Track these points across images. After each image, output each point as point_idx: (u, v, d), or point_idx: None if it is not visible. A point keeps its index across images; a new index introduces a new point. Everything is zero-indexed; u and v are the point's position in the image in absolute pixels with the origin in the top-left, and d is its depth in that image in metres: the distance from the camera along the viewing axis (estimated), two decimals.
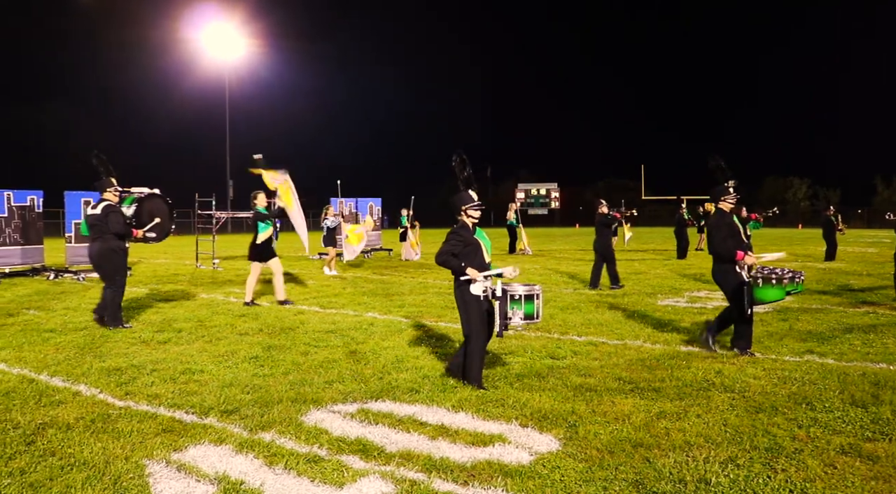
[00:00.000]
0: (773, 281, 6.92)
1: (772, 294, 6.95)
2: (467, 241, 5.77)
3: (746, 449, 4.30)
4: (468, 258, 5.72)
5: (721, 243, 6.92)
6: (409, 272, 16.80)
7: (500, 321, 5.57)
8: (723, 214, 7.11)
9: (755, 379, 5.96)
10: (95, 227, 8.82)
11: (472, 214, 5.85)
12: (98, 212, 8.85)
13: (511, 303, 5.60)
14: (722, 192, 7.17)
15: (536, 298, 5.68)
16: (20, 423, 4.87)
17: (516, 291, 5.62)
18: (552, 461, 4.15)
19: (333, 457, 4.24)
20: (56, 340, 7.98)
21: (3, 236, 15.05)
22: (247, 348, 7.47)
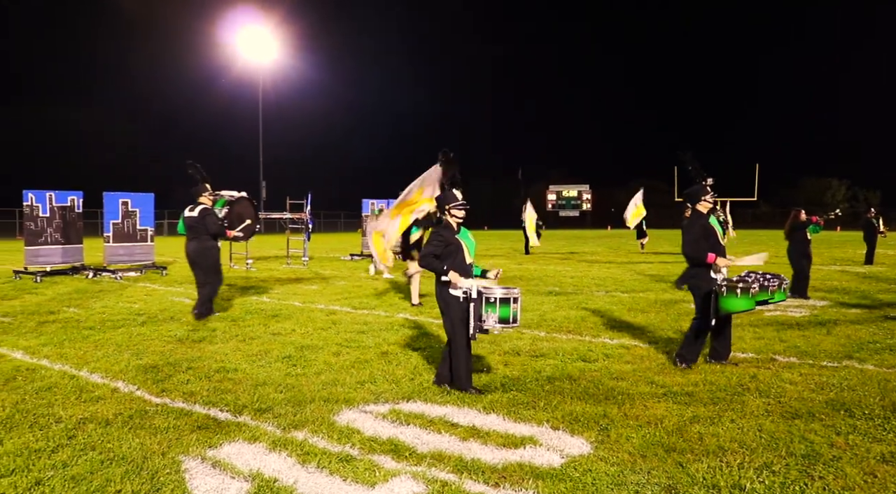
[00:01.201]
0: (739, 290, 6.07)
1: (737, 304, 6.10)
2: (448, 241, 5.65)
3: (782, 456, 4.24)
4: (449, 258, 5.62)
5: (692, 244, 6.45)
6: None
7: (474, 323, 5.49)
8: (699, 215, 6.62)
9: (791, 385, 5.87)
10: (193, 229, 9.67)
11: (456, 214, 5.74)
12: (195, 214, 9.69)
13: (486, 306, 5.47)
14: (700, 192, 6.68)
15: (513, 302, 5.50)
16: (62, 418, 5.00)
17: (492, 294, 5.47)
18: (584, 464, 4.13)
19: (365, 457, 4.27)
20: (95, 337, 8.16)
21: (45, 236, 15.42)
22: (280, 347, 7.56)
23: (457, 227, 5.78)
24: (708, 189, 6.66)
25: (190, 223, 9.72)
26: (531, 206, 24.84)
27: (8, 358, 7.05)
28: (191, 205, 9.90)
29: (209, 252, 9.71)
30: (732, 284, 6.09)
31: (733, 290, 6.07)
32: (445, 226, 5.78)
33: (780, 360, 6.83)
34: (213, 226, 9.70)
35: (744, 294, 6.04)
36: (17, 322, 9.34)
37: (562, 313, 10.04)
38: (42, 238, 15.38)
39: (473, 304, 5.48)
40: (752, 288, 6.01)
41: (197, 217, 9.66)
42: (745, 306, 6.07)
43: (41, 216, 15.34)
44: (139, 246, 16.78)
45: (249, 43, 51.05)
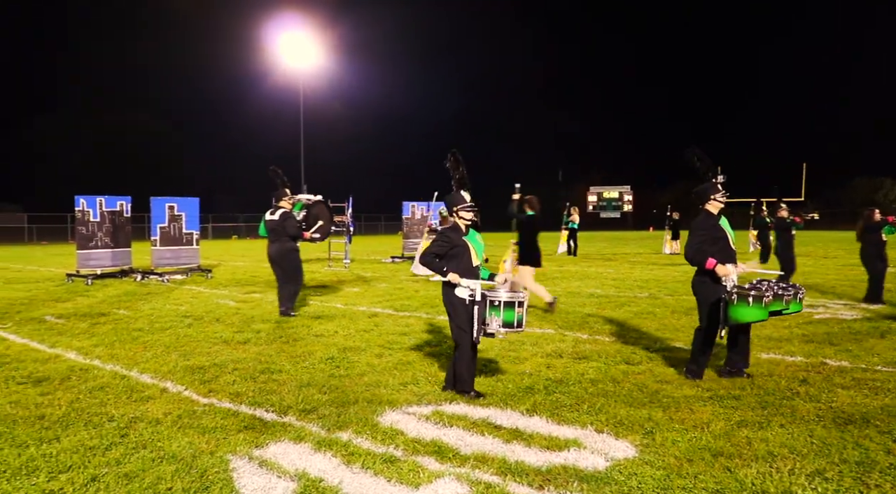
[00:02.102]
0: (751, 299, 5.55)
1: (749, 313, 5.56)
2: (454, 243, 5.60)
3: (835, 462, 4.13)
4: (454, 260, 5.57)
5: (694, 247, 5.94)
6: None
7: (477, 326, 5.43)
8: (708, 216, 6.07)
9: (843, 390, 5.71)
10: (274, 231, 10.22)
11: (463, 216, 5.68)
12: (276, 218, 10.24)
13: (490, 309, 5.40)
14: (709, 191, 6.11)
15: (518, 306, 5.41)
16: (114, 416, 5.14)
17: (496, 297, 5.40)
18: (629, 467, 4.09)
19: (409, 458, 4.29)
20: (144, 339, 8.37)
21: (96, 240, 15.85)
22: (323, 349, 7.65)
23: (465, 229, 5.72)
24: (719, 187, 6.12)
25: (271, 226, 10.25)
26: (576, 212, 24.62)
27: (63, 358, 7.27)
28: (271, 208, 10.43)
29: (290, 253, 10.21)
30: (744, 292, 5.58)
31: (745, 299, 5.57)
32: (453, 227, 5.72)
33: (831, 364, 6.65)
34: (292, 229, 10.20)
35: (756, 303, 5.53)
36: (71, 323, 9.62)
37: (604, 315, 9.95)
38: (93, 242, 15.81)
39: (477, 307, 5.42)
40: (765, 296, 5.52)
41: (278, 220, 10.18)
42: (757, 316, 5.55)
43: (92, 221, 15.77)
44: (185, 249, 17.12)
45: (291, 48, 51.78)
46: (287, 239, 10.19)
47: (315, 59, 53.33)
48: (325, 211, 13.02)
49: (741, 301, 5.57)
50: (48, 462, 4.23)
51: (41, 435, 4.71)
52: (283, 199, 10.43)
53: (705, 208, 6.12)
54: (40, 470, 4.09)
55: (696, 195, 6.21)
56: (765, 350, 7.32)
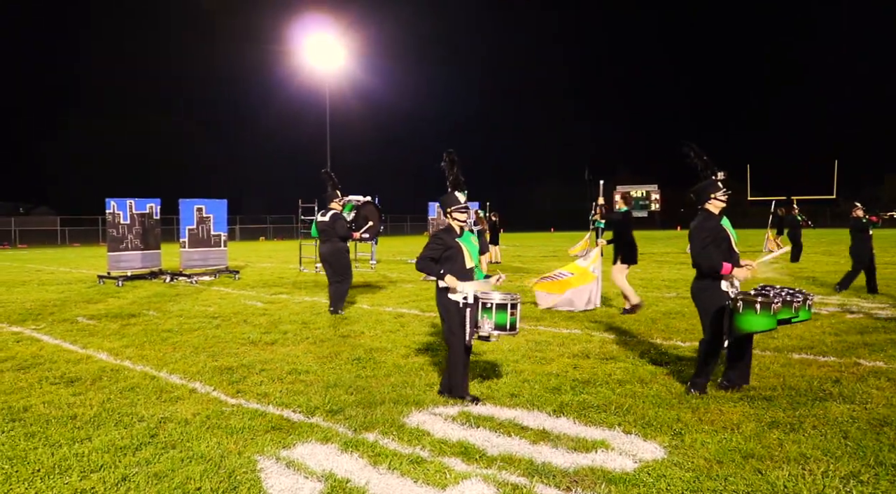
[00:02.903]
0: (759, 306, 5.04)
1: (757, 322, 5.06)
2: (447, 245, 5.51)
3: (871, 465, 4.04)
4: (448, 262, 5.48)
5: (701, 252, 5.46)
6: (506, 275, 16.76)
7: (469, 329, 5.33)
8: (708, 216, 5.63)
9: (878, 390, 5.59)
10: (325, 232, 10.69)
11: (457, 217, 5.59)
12: (327, 219, 10.73)
13: (483, 312, 5.28)
14: (709, 189, 5.66)
15: (511, 308, 5.27)
16: (144, 417, 5.21)
17: (489, 299, 5.27)
18: (657, 469, 4.04)
19: (436, 459, 4.28)
20: (173, 340, 8.47)
21: (126, 242, 16.10)
22: (349, 350, 7.67)
23: (459, 231, 5.64)
24: (719, 185, 5.66)
25: (322, 227, 10.74)
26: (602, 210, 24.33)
27: (94, 359, 7.39)
28: (322, 210, 11.00)
29: (340, 253, 10.65)
30: (751, 299, 5.10)
31: (751, 306, 5.07)
32: (447, 229, 5.63)
33: (865, 364, 6.52)
34: (342, 229, 10.58)
35: (764, 310, 5.03)
36: (102, 325, 9.77)
37: (631, 316, 9.85)
38: (123, 244, 16.06)
39: (470, 310, 5.33)
40: (773, 303, 5.03)
41: (328, 221, 10.64)
42: (765, 325, 5.07)
43: (122, 223, 16.02)
44: (213, 250, 17.32)
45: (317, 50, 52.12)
46: (338, 239, 10.55)
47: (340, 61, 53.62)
48: (374, 211, 13.41)
49: (747, 308, 5.11)
50: (80, 461, 4.29)
51: (73, 435, 4.79)
52: (333, 201, 10.83)
53: (705, 208, 5.68)
54: (73, 470, 4.15)
55: (694, 194, 5.78)
56: (796, 350, 7.20)
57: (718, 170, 5.84)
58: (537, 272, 17.85)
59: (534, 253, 26.88)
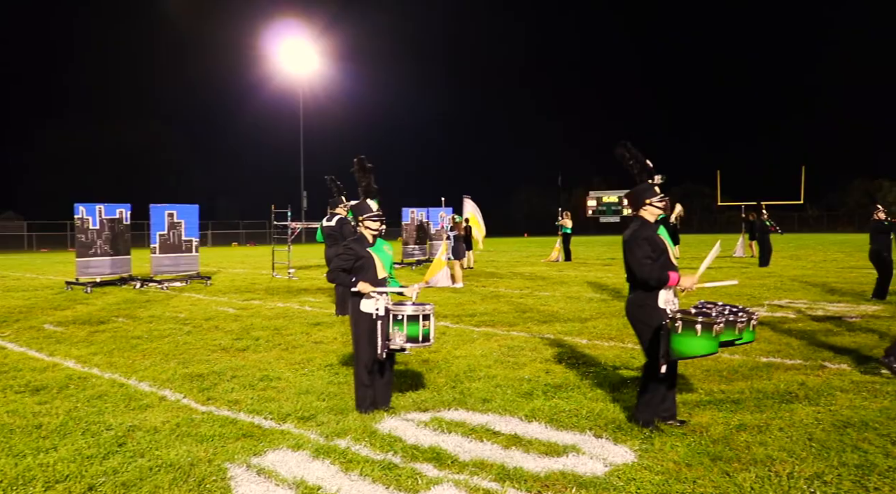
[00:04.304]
0: (700, 327, 4.41)
1: (696, 345, 4.44)
2: (359, 255, 5.35)
3: (834, 466, 4.12)
4: (360, 272, 5.34)
5: (641, 264, 4.78)
6: (479, 281, 16.82)
7: (381, 342, 5.21)
8: (644, 224, 4.95)
9: (842, 393, 5.71)
10: (331, 236, 11.05)
11: (370, 226, 5.45)
12: (332, 224, 11.15)
13: (394, 324, 5.15)
14: (645, 194, 5.03)
15: (424, 320, 5.16)
16: (112, 425, 5.13)
17: (400, 311, 5.15)
18: (627, 473, 4.08)
19: (408, 465, 4.28)
20: (143, 347, 8.36)
21: (95, 247, 15.85)
22: (322, 356, 7.64)
23: (372, 240, 5.50)
24: (656, 190, 5.08)
25: (328, 232, 11.17)
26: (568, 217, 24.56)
27: (61, 366, 7.27)
28: (328, 215, 11.44)
29: None
30: (691, 319, 4.46)
31: (692, 327, 4.44)
32: (358, 238, 5.49)
33: (831, 367, 6.65)
34: (349, 233, 10.67)
35: (706, 332, 4.41)
36: (70, 332, 9.61)
37: (603, 320, 9.94)
38: (92, 249, 15.81)
39: (381, 322, 5.22)
40: (716, 324, 4.43)
41: (334, 226, 11.01)
42: (706, 349, 4.45)
43: (91, 228, 15.77)
44: (184, 256, 17.12)
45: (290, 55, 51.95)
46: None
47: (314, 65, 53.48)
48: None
49: (687, 329, 4.47)
50: (45, 471, 4.22)
51: (38, 445, 4.70)
52: (339, 206, 11.24)
53: (640, 215, 5.04)
54: (37, 480, 4.08)
55: (629, 199, 5.21)
56: (764, 353, 7.31)
57: (656, 174, 5.31)
58: (510, 277, 17.92)
59: (507, 259, 26.99)
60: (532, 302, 12.29)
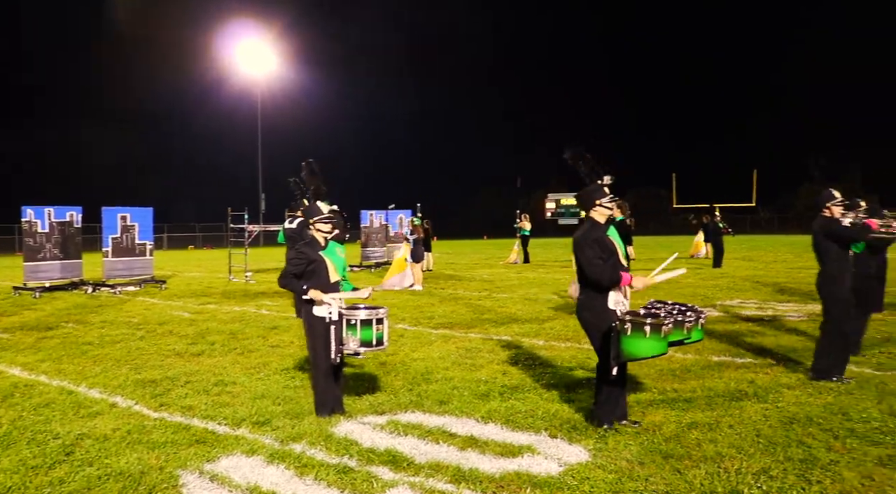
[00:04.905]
0: (649, 328, 4.44)
1: (645, 346, 4.47)
2: (311, 259, 5.31)
3: (780, 461, 4.24)
4: (311, 276, 5.28)
5: (592, 265, 4.81)
6: (438, 283, 16.84)
7: (335, 346, 5.19)
8: (594, 226, 4.97)
9: (789, 390, 5.87)
10: (292, 239, 10.90)
11: (321, 228, 5.43)
12: (294, 226, 11.05)
13: (347, 329, 5.16)
14: (595, 195, 5.02)
15: (377, 323, 5.18)
16: (59, 434, 5.00)
17: (353, 316, 5.16)
18: (581, 472, 4.14)
19: (363, 468, 4.27)
20: (94, 353, 8.16)
21: (44, 251, 15.43)
22: (278, 360, 7.56)
23: (324, 243, 5.45)
24: (605, 191, 5.06)
25: (289, 234, 11.13)
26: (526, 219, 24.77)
27: (6, 374, 7.05)
28: (290, 217, 11.37)
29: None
30: (639, 320, 4.50)
31: (641, 328, 4.47)
32: (310, 241, 5.43)
33: (779, 365, 6.82)
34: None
35: (654, 333, 4.44)
36: (16, 338, 9.34)
37: (560, 321, 10.04)
38: (41, 254, 15.39)
39: (335, 327, 5.20)
40: (664, 325, 4.44)
41: (296, 229, 10.83)
42: (655, 350, 4.47)
43: (40, 232, 15.35)
44: (138, 260, 16.78)
45: (248, 56, 51.35)
46: None
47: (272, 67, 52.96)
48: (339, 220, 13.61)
49: (636, 331, 4.50)
50: None
51: None
52: (300, 209, 11.05)
53: (590, 216, 5.05)
54: None
55: (579, 201, 5.21)
56: (716, 353, 7.48)
57: (605, 174, 5.41)
58: (469, 279, 17.98)
59: (466, 261, 27.08)
60: (490, 304, 12.35)
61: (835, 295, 6.25)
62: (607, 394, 4.95)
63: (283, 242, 11.67)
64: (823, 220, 6.34)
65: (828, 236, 6.26)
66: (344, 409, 5.47)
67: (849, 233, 6.30)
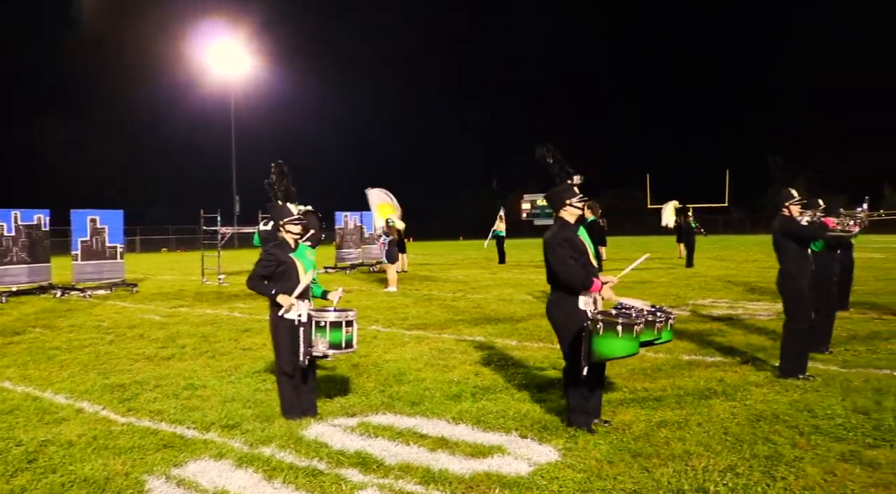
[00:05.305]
0: (620, 329, 4.46)
1: (617, 346, 4.49)
2: (280, 261, 5.25)
3: (746, 458, 4.29)
4: (280, 279, 5.23)
5: (565, 265, 4.81)
6: (412, 284, 16.82)
7: (304, 349, 5.15)
8: (564, 226, 4.97)
9: (757, 387, 5.94)
10: (267, 241, 10.69)
11: (291, 230, 5.37)
12: (269, 228, 11.13)
13: (317, 331, 5.14)
14: (565, 194, 5.01)
15: (346, 326, 5.17)
16: (23, 441, 4.91)
17: (323, 318, 5.15)
18: (551, 472, 4.15)
19: (332, 471, 4.24)
20: (61, 358, 8.03)
21: (11, 255, 15.15)
22: (250, 363, 7.50)
23: (294, 244, 5.41)
24: (575, 191, 5.04)
25: (265, 236, 11.31)
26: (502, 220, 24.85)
27: None
28: (264, 219, 11.80)
29: None
30: (611, 320, 4.50)
31: (613, 328, 4.48)
32: (279, 243, 5.38)
33: (748, 363, 6.91)
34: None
35: (626, 333, 4.47)
36: None
37: (534, 321, 10.07)
38: (7, 257, 15.11)
39: (304, 329, 5.16)
40: (636, 325, 4.51)
41: (271, 230, 10.61)
42: (627, 350, 4.51)
43: (6, 235, 15.08)
44: (108, 263, 16.55)
45: (221, 57, 50.95)
46: None
47: (245, 67, 52.59)
48: (314, 220, 13.66)
49: (608, 331, 4.51)
50: None
51: None
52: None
53: (560, 216, 5.04)
54: None
55: (548, 200, 5.19)
56: (686, 352, 7.55)
57: (575, 174, 5.35)
58: (444, 280, 17.98)
59: (441, 261, 27.08)
60: (464, 305, 12.36)
61: (795, 292, 6.34)
62: (577, 396, 4.94)
63: (258, 244, 11.73)
64: (782, 219, 6.45)
65: (786, 235, 6.38)
66: (317, 412, 5.44)
67: (806, 232, 6.41)
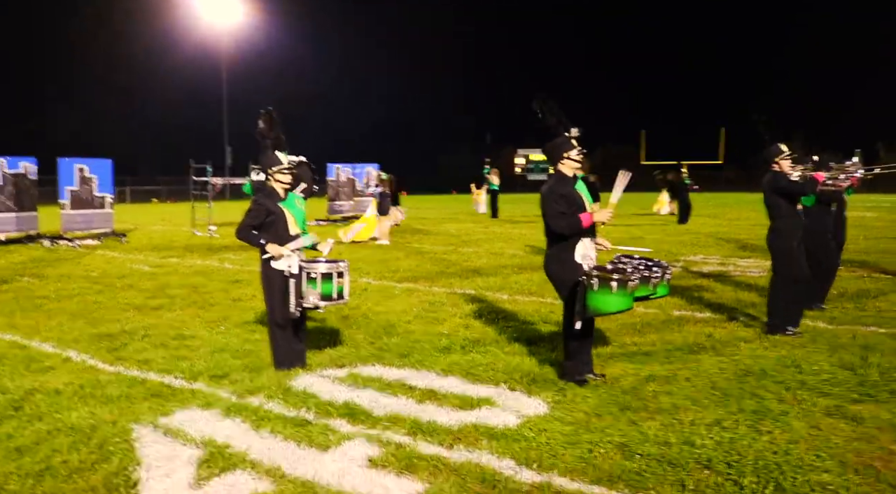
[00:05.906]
0: (615, 284, 4.44)
1: (611, 302, 4.47)
2: (270, 211, 5.16)
3: (733, 412, 4.31)
4: (269, 228, 5.15)
5: (556, 218, 4.83)
6: (404, 237, 16.76)
7: (294, 300, 5.08)
8: (561, 179, 4.93)
9: (746, 343, 5.96)
10: (259, 191, 10.97)
11: (280, 179, 5.25)
12: (262, 177, 10.89)
13: (308, 283, 5.07)
14: (562, 147, 4.94)
15: (338, 277, 5.12)
16: (8, 389, 4.88)
17: (314, 269, 5.08)
18: (539, 424, 4.16)
19: (320, 421, 4.24)
20: (49, 307, 7.98)
21: None
22: (239, 314, 7.47)
23: (283, 194, 5.29)
24: (573, 143, 4.96)
25: (257, 186, 10.85)
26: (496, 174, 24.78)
27: None
28: (255, 169, 11.22)
29: None
30: (606, 275, 4.48)
31: (607, 284, 4.45)
32: (269, 192, 5.27)
33: (737, 319, 6.92)
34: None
35: (621, 288, 4.44)
36: None
37: (525, 275, 10.06)
38: None
39: (294, 281, 5.09)
40: (630, 280, 4.48)
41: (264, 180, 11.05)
42: (621, 305, 4.50)
43: None
44: (97, 213, 16.41)
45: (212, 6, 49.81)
46: None
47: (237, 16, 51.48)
48: (307, 172, 13.55)
49: (603, 286, 4.48)
50: None
51: None
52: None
53: (558, 169, 4.99)
54: None
55: (546, 153, 5.13)
56: (677, 307, 7.56)
57: (573, 127, 5.24)
58: (436, 233, 17.93)
59: (434, 215, 26.99)
60: (456, 259, 12.34)
61: (782, 249, 6.30)
62: (576, 348, 4.95)
63: (250, 193, 11.51)
64: (772, 175, 6.35)
65: (776, 191, 6.29)
66: (306, 363, 5.43)
67: (797, 188, 6.33)
